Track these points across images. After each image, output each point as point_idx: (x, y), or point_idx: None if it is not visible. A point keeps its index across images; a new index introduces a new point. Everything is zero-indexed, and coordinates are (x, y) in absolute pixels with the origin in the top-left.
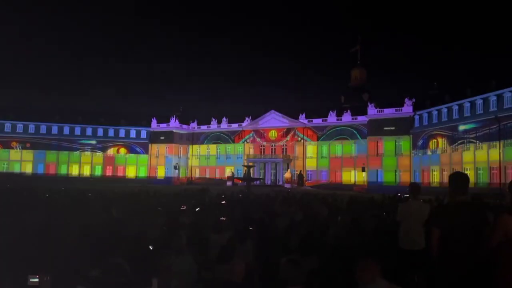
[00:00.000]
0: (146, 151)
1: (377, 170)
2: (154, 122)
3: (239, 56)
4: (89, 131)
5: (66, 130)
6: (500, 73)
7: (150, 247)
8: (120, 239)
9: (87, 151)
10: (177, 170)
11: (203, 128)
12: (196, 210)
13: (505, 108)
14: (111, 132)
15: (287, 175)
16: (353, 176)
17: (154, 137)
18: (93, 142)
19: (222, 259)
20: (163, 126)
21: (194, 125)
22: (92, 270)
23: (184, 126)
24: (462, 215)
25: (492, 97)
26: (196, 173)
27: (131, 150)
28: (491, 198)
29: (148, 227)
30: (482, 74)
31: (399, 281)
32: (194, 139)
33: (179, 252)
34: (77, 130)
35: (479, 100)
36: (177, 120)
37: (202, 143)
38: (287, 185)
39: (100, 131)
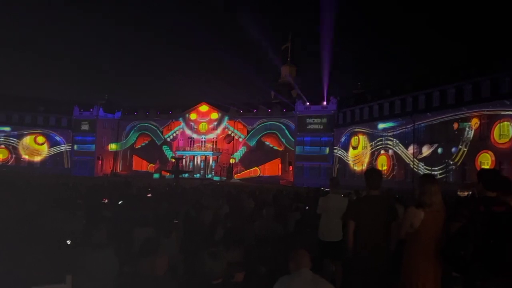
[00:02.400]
0: (66, 140)
1: (303, 164)
2: (76, 109)
3: (170, 46)
4: (2, 117)
5: None
6: (415, 76)
7: (68, 241)
8: (36, 233)
9: (0, 138)
10: (100, 161)
11: (130, 117)
12: (119, 203)
13: (419, 109)
14: (27, 119)
15: (217, 168)
16: (280, 170)
17: (76, 126)
18: (7, 129)
19: (144, 253)
20: (86, 114)
21: (120, 114)
22: (1, 265)
23: (109, 115)
24: (375, 208)
25: (409, 98)
26: (122, 165)
27: (50, 138)
28: (405, 193)
29: (66, 221)
30: (401, 76)
31: (319, 271)
32: (120, 129)
33: (99, 246)
34: None
35: (397, 101)
36: (101, 109)
37: (129, 133)
38: (216, 178)
39: (15, 118)
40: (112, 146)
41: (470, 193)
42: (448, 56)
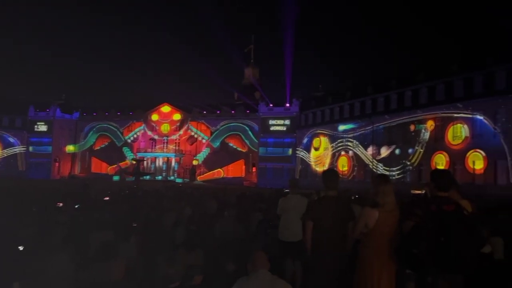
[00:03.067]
0: (21, 141)
1: (266, 166)
2: (31, 109)
3: (132, 46)
4: None
5: None
6: (374, 80)
7: (20, 247)
8: None
9: None
10: (57, 163)
11: (88, 118)
12: (76, 206)
13: (378, 111)
14: None
15: (179, 169)
16: (244, 171)
17: (32, 127)
18: None
19: (101, 257)
20: (42, 115)
21: (78, 115)
22: None
23: (67, 116)
24: (332, 209)
25: (368, 101)
26: (80, 167)
27: (2, 140)
28: (364, 193)
29: (19, 226)
30: (361, 79)
31: (280, 271)
32: (78, 130)
33: (53, 251)
34: None
35: (357, 103)
36: (58, 109)
37: (87, 134)
38: (178, 180)
39: None
40: (70, 148)
41: (424, 192)
42: (405, 61)
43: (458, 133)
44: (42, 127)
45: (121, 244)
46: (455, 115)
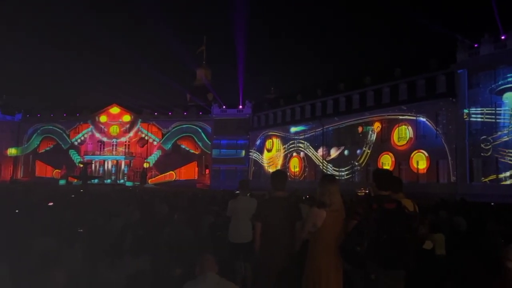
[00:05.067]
0: None
1: (219, 167)
2: None
3: (78, 45)
4: None
5: None
6: (324, 83)
7: None
8: None
9: None
10: None
11: (32, 120)
12: (16, 211)
13: (327, 113)
14: None
15: (129, 173)
16: (197, 173)
17: None
18: None
19: (42, 266)
20: None
21: (20, 116)
22: None
23: (8, 117)
24: (279, 209)
25: (318, 103)
26: (23, 171)
27: None
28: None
29: None
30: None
31: (230, 273)
32: (20, 132)
33: None
34: None
35: (307, 106)
36: None
37: (31, 137)
38: (128, 184)
39: None
40: (12, 151)
41: (368, 192)
42: (353, 64)
43: (403, 134)
44: None
45: (64, 251)
46: (400, 117)
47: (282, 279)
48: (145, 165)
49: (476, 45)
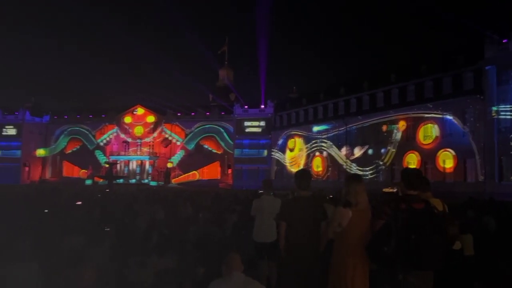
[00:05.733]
0: None
1: (242, 167)
2: None
3: (103, 47)
4: None
5: None
6: (347, 81)
7: None
8: None
9: None
10: (27, 168)
11: (59, 121)
12: (46, 211)
13: (351, 112)
14: None
15: (153, 172)
16: (220, 173)
17: None
18: None
19: (72, 264)
20: (11, 118)
21: (48, 118)
22: None
23: (37, 119)
24: (304, 209)
25: (341, 102)
26: (51, 171)
27: None
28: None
29: None
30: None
31: (255, 272)
32: (48, 133)
33: (22, 259)
34: None
35: (330, 104)
36: (27, 112)
37: (58, 138)
38: (153, 183)
39: None
40: (40, 152)
41: (395, 191)
42: (377, 62)
43: (429, 132)
44: (11, 131)
45: (92, 249)
46: (426, 115)
47: (307, 278)
48: (169, 165)
49: (505, 41)
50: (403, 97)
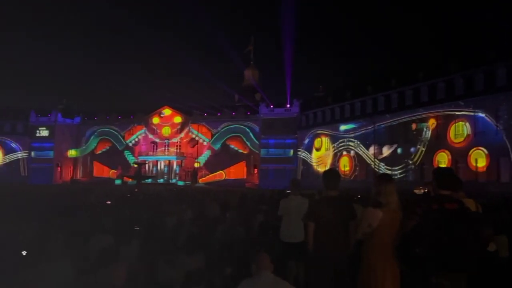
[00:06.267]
0: (23, 147)
1: (268, 167)
2: (33, 115)
3: (132, 49)
4: None
5: None
6: (375, 79)
7: (23, 252)
8: None
9: None
10: (59, 168)
11: (89, 122)
12: (78, 211)
13: (379, 110)
14: None
15: (181, 172)
16: (246, 173)
17: (33, 132)
18: None
19: (102, 263)
20: (44, 120)
21: (79, 119)
22: None
23: (68, 120)
24: (332, 209)
25: (368, 100)
26: (82, 171)
27: (4, 145)
28: (366, 193)
29: (20, 231)
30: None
31: (282, 272)
32: (79, 134)
33: (54, 256)
34: None
35: (357, 103)
36: (59, 114)
37: (88, 139)
38: (180, 183)
39: None
40: (72, 153)
41: (426, 191)
42: (405, 59)
43: (460, 131)
44: (44, 132)
45: (122, 248)
46: (457, 113)
47: (336, 279)
48: (196, 165)
49: None
50: (432, 94)
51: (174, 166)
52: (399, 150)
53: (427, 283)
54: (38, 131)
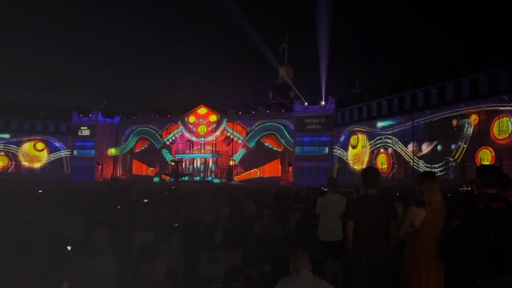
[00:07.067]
0: (66, 145)
1: (302, 165)
2: (75, 115)
3: (167, 49)
4: (1, 124)
5: None
6: (412, 74)
7: (68, 247)
8: (33, 240)
9: None
10: (100, 166)
11: (128, 122)
12: (119, 207)
13: (417, 106)
14: (26, 126)
15: (216, 170)
16: (280, 171)
17: (75, 131)
18: (6, 136)
19: (143, 258)
20: (85, 120)
21: (118, 119)
22: None
23: (108, 120)
24: (372, 208)
25: (407, 96)
26: (122, 169)
27: (49, 144)
28: (405, 191)
29: (65, 227)
30: (399, 74)
31: (320, 271)
32: (119, 133)
33: (98, 252)
34: None
35: (395, 99)
36: (100, 114)
37: (128, 137)
38: (216, 180)
39: (14, 124)
40: (112, 151)
41: (470, 189)
42: (446, 52)
43: (504, 127)
44: (85, 132)
45: (162, 245)
46: (501, 108)
47: (376, 279)
48: (231, 162)
49: None
50: (474, 89)
51: (210, 164)
52: (439, 147)
53: (473, 285)
54: (80, 130)
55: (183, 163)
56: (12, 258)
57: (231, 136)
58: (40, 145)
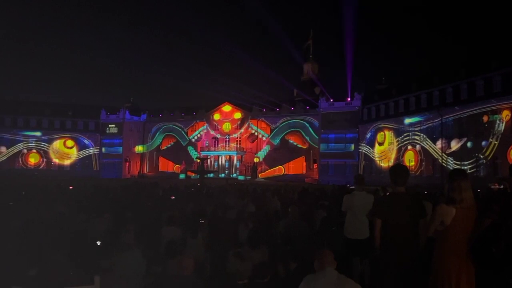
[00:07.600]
0: (94, 143)
1: (328, 162)
2: (103, 113)
3: (193, 47)
4: (33, 122)
5: (8, 121)
6: (441, 69)
7: (98, 242)
8: (65, 235)
9: (31, 143)
10: (128, 163)
11: (155, 119)
12: (147, 204)
13: (446, 102)
14: (57, 124)
15: (241, 167)
16: (305, 168)
17: (104, 129)
18: (38, 134)
19: (171, 254)
20: (113, 118)
21: (145, 116)
22: (30, 269)
23: (135, 118)
24: (401, 206)
25: (435, 92)
26: (149, 166)
27: (78, 142)
28: (433, 189)
29: (95, 222)
30: (427, 69)
31: (346, 269)
32: (146, 131)
33: (127, 247)
34: (20, 122)
35: (423, 95)
36: (127, 112)
37: (154, 135)
38: (241, 178)
39: (45, 123)
40: (139, 148)
41: (502, 187)
42: (476, 47)
43: None
44: (113, 129)
45: (189, 240)
46: None
47: (404, 279)
48: (255, 159)
49: None
50: (507, 84)
51: (235, 161)
52: (468, 144)
53: (505, 285)
54: (108, 128)
55: (208, 160)
56: (46, 252)
57: (256, 133)
58: (70, 143)
